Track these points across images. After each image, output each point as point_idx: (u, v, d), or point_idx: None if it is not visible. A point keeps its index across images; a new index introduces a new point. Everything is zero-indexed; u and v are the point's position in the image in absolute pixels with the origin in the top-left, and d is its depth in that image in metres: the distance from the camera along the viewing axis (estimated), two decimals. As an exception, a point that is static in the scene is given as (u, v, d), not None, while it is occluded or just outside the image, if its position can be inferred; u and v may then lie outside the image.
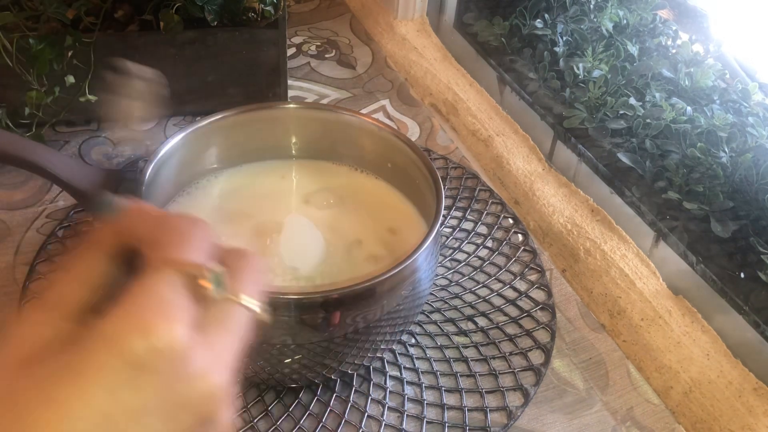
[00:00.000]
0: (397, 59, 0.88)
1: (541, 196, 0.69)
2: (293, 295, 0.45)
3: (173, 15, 0.66)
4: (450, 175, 0.72)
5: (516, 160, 0.73)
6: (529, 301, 0.61)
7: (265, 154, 0.60)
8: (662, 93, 0.72)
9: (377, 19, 0.93)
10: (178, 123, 0.75)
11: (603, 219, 0.67)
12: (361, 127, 0.58)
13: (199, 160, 0.57)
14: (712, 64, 0.75)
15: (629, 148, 0.69)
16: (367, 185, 0.59)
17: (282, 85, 0.75)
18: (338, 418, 0.51)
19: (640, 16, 0.81)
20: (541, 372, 0.56)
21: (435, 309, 0.59)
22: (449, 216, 0.68)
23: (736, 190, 0.62)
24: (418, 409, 0.53)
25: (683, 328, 0.58)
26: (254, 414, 0.51)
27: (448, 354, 0.56)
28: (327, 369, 0.49)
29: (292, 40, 0.90)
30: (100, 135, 0.73)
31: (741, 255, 0.59)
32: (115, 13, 0.69)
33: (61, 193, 0.66)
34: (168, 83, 0.71)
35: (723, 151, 0.64)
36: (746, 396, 0.54)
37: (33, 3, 0.63)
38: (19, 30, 0.62)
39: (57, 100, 0.64)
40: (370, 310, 0.46)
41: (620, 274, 0.62)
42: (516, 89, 0.79)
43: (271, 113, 0.59)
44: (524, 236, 0.66)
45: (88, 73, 0.65)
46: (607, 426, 0.53)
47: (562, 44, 0.80)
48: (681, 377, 0.56)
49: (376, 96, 0.83)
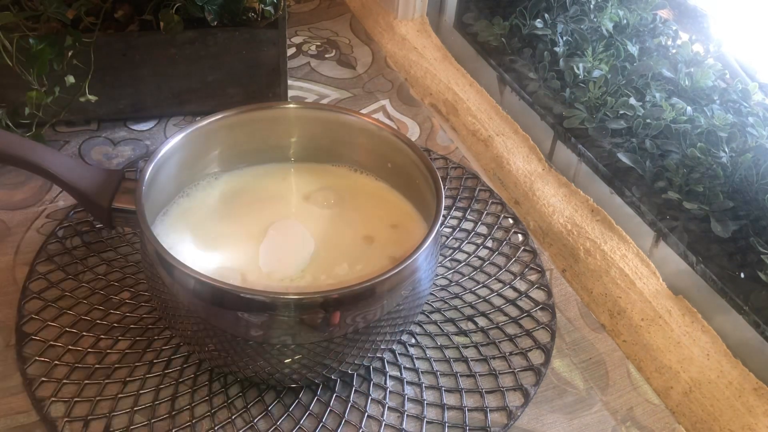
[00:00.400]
0: (397, 59, 0.88)
1: (541, 196, 0.69)
2: (293, 295, 0.45)
3: (173, 15, 0.66)
4: (450, 175, 0.72)
5: (516, 160, 0.73)
6: (529, 301, 0.61)
7: (265, 154, 0.60)
8: (662, 93, 0.72)
9: (377, 19, 0.93)
10: (178, 123, 0.75)
11: (603, 219, 0.67)
12: (361, 127, 0.58)
13: (199, 160, 0.57)
14: (712, 64, 0.74)
15: (629, 148, 0.69)
16: (367, 185, 0.59)
17: (282, 85, 0.75)
18: (338, 418, 0.51)
19: (640, 16, 0.81)
20: (541, 372, 0.56)
21: (435, 309, 0.59)
22: (449, 216, 0.68)
23: (736, 190, 0.62)
24: (418, 409, 0.53)
25: (683, 328, 0.58)
26: (254, 414, 0.51)
27: (448, 354, 0.56)
28: (327, 369, 0.49)
29: (292, 40, 0.90)
30: (100, 135, 0.73)
31: (741, 255, 0.59)
32: (115, 13, 0.69)
33: (61, 193, 0.66)
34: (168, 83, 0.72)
35: (723, 151, 0.64)
36: (746, 396, 0.54)
37: (33, 3, 0.63)
38: (19, 30, 0.62)
39: (57, 100, 0.64)
40: (370, 310, 0.46)
41: (620, 274, 0.62)
42: (516, 89, 0.79)
43: (271, 113, 0.59)
44: (524, 236, 0.66)
45: (88, 73, 0.65)
46: (607, 426, 0.53)
47: (562, 44, 0.80)
48: (681, 377, 0.56)
49: (376, 96, 0.83)
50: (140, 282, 0.58)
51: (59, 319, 0.55)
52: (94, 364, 0.53)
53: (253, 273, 0.51)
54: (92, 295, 0.57)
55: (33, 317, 0.55)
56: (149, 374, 0.52)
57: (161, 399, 0.51)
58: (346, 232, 0.55)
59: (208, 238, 0.53)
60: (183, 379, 0.52)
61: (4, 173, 0.67)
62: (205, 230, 0.54)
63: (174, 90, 0.73)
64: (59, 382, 0.51)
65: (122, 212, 0.50)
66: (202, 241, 0.53)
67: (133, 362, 0.53)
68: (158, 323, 0.55)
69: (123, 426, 0.49)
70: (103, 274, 0.59)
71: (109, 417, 0.50)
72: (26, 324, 0.55)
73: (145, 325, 0.55)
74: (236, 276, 0.50)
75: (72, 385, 0.51)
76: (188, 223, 0.54)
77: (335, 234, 0.55)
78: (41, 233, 0.62)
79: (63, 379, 0.51)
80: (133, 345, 0.54)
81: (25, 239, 0.62)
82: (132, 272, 0.59)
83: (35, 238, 0.62)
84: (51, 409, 0.50)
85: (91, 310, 0.56)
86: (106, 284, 0.58)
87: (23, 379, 0.51)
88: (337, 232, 0.55)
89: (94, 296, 0.57)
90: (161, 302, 0.49)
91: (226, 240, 0.54)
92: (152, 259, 0.47)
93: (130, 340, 0.54)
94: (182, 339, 0.53)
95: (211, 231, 0.54)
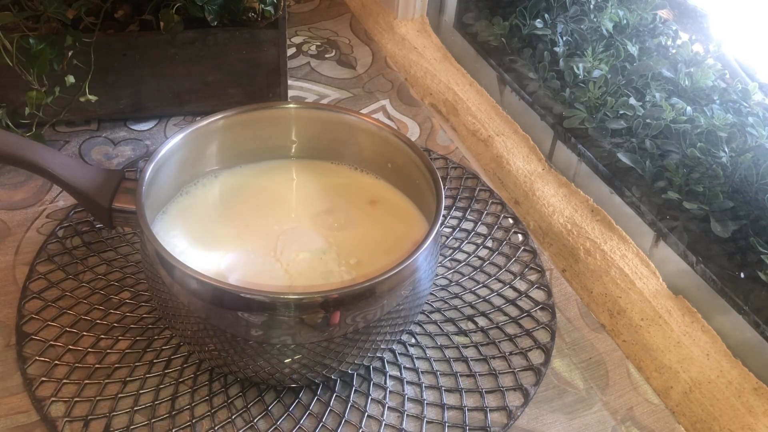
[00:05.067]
0: (397, 59, 0.88)
1: (541, 196, 0.69)
2: (293, 295, 0.45)
3: (173, 15, 0.66)
4: (450, 175, 0.72)
5: (516, 160, 0.73)
6: (529, 301, 0.61)
7: (265, 154, 0.60)
8: (662, 93, 0.72)
9: (377, 19, 0.93)
10: (178, 123, 0.75)
11: (603, 219, 0.67)
12: (361, 127, 0.58)
13: (199, 160, 0.57)
14: (712, 64, 0.74)
15: (629, 148, 0.69)
16: (368, 185, 0.59)
17: (282, 85, 0.75)
18: (338, 418, 0.51)
19: (640, 16, 0.81)
20: (541, 372, 0.56)
21: (435, 309, 0.59)
22: (449, 216, 0.68)
23: (736, 190, 0.62)
24: (418, 409, 0.53)
25: (683, 328, 0.58)
26: (254, 414, 0.51)
27: (448, 354, 0.56)
28: (327, 369, 0.49)
29: (292, 40, 0.90)
30: (100, 135, 0.73)
31: (741, 255, 0.59)
32: (115, 13, 0.69)
33: (61, 193, 0.66)
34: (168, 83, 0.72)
35: (723, 151, 0.64)
36: (746, 396, 0.54)
37: (33, 3, 0.63)
38: (19, 30, 0.62)
39: (57, 100, 0.64)
40: (370, 310, 0.46)
41: (620, 274, 0.62)
42: (516, 89, 0.79)
43: (271, 113, 0.59)
44: (524, 236, 0.66)
45: (88, 73, 0.65)
46: (607, 426, 0.53)
47: (562, 44, 0.80)
48: (681, 377, 0.56)
49: (376, 96, 0.83)
50: (140, 282, 0.58)
51: (59, 319, 0.55)
52: (94, 363, 0.53)
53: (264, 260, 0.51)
54: (92, 295, 0.57)
55: (33, 317, 0.55)
56: (149, 374, 0.52)
57: (161, 399, 0.51)
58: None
59: (208, 235, 0.53)
60: (183, 379, 0.52)
61: (4, 173, 0.67)
62: (205, 227, 0.54)
63: (174, 90, 0.73)
64: (59, 382, 0.51)
65: (122, 212, 0.50)
66: (202, 239, 0.53)
67: (133, 362, 0.53)
68: (158, 323, 0.56)
69: (123, 426, 0.49)
70: (103, 274, 0.59)
71: (109, 417, 0.50)
72: (26, 324, 0.55)
73: (145, 325, 0.55)
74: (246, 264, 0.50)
75: (72, 385, 0.51)
76: (188, 221, 0.54)
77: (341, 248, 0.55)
78: (41, 233, 0.62)
79: (63, 379, 0.51)
80: (133, 345, 0.54)
81: (25, 239, 0.62)
82: (132, 272, 0.59)
83: (35, 238, 0.62)
84: (51, 409, 0.50)
85: (91, 310, 0.56)
86: (106, 284, 0.58)
87: (23, 379, 0.51)
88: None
89: (94, 296, 0.57)
90: (161, 302, 0.49)
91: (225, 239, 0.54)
92: (152, 259, 0.47)
93: (130, 340, 0.54)
94: (182, 339, 0.53)
95: (211, 228, 0.54)
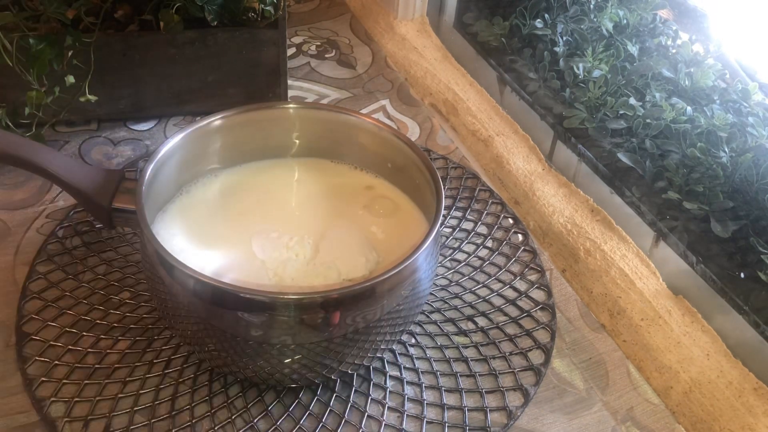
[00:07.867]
0: (397, 59, 0.88)
1: (541, 196, 0.69)
2: (293, 295, 0.45)
3: (173, 15, 0.66)
4: (450, 175, 0.72)
5: (516, 160, 0.73)
6: (529, 301, 0.61)
7: (265, 154, 0.60)
8: (662, 93, 0.72)
9: (377, 19, 0.93)
10: (178, 123, 0.75)
11: (603, 219, 0.67)
12: (361, 127, 0.58)
13: (199, 160, 0.57)
14: (712, 64, 0.74)
15: (629, 148, 0.69)
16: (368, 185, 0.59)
17: (282, 85, 0.75)
18: (338, 418, 0.51)
19: (640, 16, 0.81)
20: (541, 372, 0.56)
21: (435, 309, 0.59)
22: (449, 216, 0.68)
23: (736, 190, 0.62)
24: (418, 409, 0.53)
25: (683, 328, 0.58)
26: (254, 414, 0.51)
27: (448, 354, 0.56)
28: (327, 369, 0.49)
29: (292, 40, 0.90)
30: (100, 135, 0.73)
31: (741, 255, 0.59)
32: (115, 13, 0.69)
33: (61, 193, 0.66)
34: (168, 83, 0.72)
35: (723, 151, 0.64)
36: (746, 396, 0.54)
37: (33, 3, 0.63)
38: (19, 30, 0.62)
39: (57, 100, 0.64)
40: (370, 310, 0.46)
41: (620, 274, 0.62)
42: (516, 89, 0.79)
43: (271, 113, 0.59)
44: (524, 236, 0.66)
45: (88, 73, 0.65)
46: (607, 426, 0.53)
47: (562, 44, 0.80)
48: (681, 377, 0.56)
49: (376, 96, 0.83)
50: (140, 282, 0.58)
51: (59, 319, 0.55)
52: (94, 364, 0.53)
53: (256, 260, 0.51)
54: (92, 295, 0.57)
55: (33, 317, 0.55)
56: (149, 374, 0.52)
57: (161, 399, 0.51)
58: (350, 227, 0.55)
59: (208, 234, 0.53)
60: (183, 379, 0.52)
61: (4, 173, 0.67)
62: (204, 226, 0.54)
63: (174, 90, 0.73)
64: (59, 382, 0.51)
65: (122, 212, 0.50)
66: (202, 238, 0.53)
67: (133, 362, 0.53)
68: (158, 323, 0.55)
69: (123, 426, 0.49)
70: (103, 274, 0.59)
71: (109, 417, 0.50)
72: (26, 324, 0.55)
73: (145, 325, 0.55)
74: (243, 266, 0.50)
75: (72, 385, 0.51)
76: (188, 220, 0.54)
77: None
78: (41, 233, 0.62)
79: (63, 379, 0.51)
80: (133, 345, 0.54)
81: (25, 239, 0.62)
82: (132, 272, 0.59)
83: (35, 238, 0.62)
84: (51, 409, 0.50)
85: (91, 310, 0.56)
86: (106, 284, 0.58)
87: (23, 379, 0.51)
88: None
89: (94, 296, 0.57)
90: (161, 302, 0.49)
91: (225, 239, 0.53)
92: (152, 259, 0.47)
93: (130, 340, 0.54)
94: (182, 339, 0.53)
95: (210, 227, 0.54)
